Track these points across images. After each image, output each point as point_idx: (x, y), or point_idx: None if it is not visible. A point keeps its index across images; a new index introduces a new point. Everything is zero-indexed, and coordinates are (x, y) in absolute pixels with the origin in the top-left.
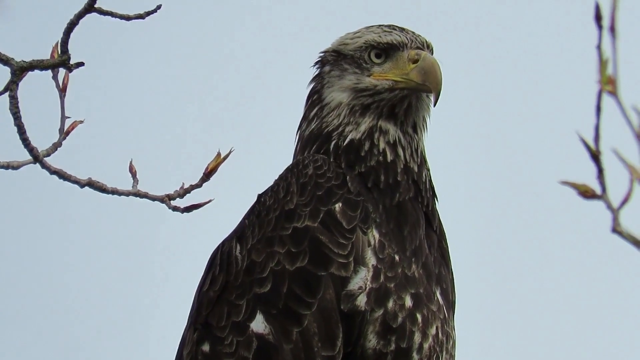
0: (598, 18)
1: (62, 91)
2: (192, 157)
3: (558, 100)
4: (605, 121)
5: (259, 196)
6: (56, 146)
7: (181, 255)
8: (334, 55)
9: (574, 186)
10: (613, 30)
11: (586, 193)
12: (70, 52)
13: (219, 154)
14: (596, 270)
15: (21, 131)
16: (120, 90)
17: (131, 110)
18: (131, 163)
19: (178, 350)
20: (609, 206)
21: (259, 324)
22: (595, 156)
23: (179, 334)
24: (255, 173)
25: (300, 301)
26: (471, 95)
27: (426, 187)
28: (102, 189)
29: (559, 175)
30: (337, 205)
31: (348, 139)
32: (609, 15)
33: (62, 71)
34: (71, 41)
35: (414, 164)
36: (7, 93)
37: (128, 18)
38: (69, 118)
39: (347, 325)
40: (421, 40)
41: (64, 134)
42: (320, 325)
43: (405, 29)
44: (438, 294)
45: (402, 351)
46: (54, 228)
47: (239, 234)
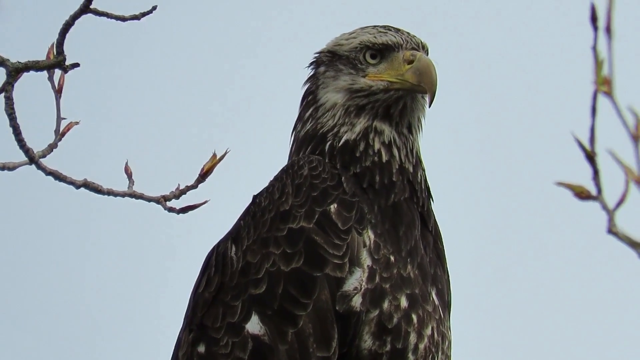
0: (594, 19)
1: (58, 92)
2: (188, 158)
3: (553, 101)
4: (600, 122)
5: (254, 197)
6: (52, 147)
7: (177, 256)
8: (329, 56)
9: (570, 187)
10: (609, 31)
11: (582, 194)
12: (65, 53)
13: (215, 155)
14: (592, 271)
15: (17, 132)
16: (116, 91)
17: (127, 111)
18: (127, 164)
19: (173, 351)
20: (605, 207)
21: (255, 325)
22: (590, 157)
23: (175, 335)
24: (250, 174)
25: (295, 302)
26: (466, 96)
27: (421, 188)
28: (98, 190)
29: (555, 176)
30: (333, 206)
31: (343, 140)
32: (605, 16)
33: (58, 72)
34: (67, 42)
35: (409, 165)
36: (3, 94)
37: (124, 19)
38: (65, 119)
39: (343, 326)
40: (416, 41)
41: (60, 135)
42: (315, 326)
43: (400, 30)
44: (433, 295)
45: (398, 352)
46: (50, 229)
47: (235, 235)
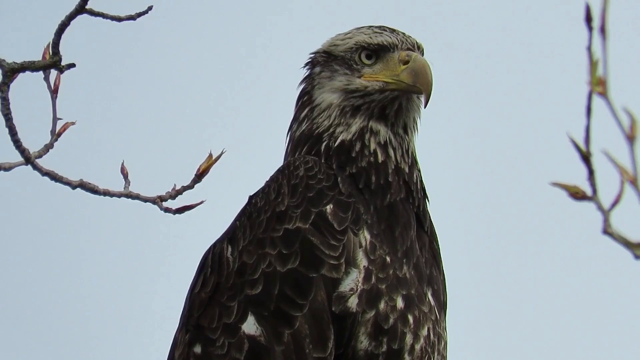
0: (588, 19)
1: (54, 92)
2: (184, 159)
3: (548, 101)
4: (595, 122)
5: (250, 197)
6: (48, 147)
7: (173, 256)
8: (325, 56)
9: (565, 187)
10: (603, 31)
11: (577, 194)
12: (61, 54)
13: (211, 155)
14: (587, 272)
15: (12, 133)
16: (112, 91)
17: (123, 111)
18: (123, 164)
19: (170, 351)
20: (600, 207)
21: (251, 326)
22: (585, 157)
23: (171, 336)
24: (246, 174)
25: (291, 303)
26: (462, 96)
27: (417, 188)
28: (94, 191)
29: (550, 176)
30: (328, 206)
31: (339, 140)
32: (599, 16)
33: (54, 72)
34: (63, 42)
35: (405, 165)
36: None
37: (119, 19)
38: (61, 119)
39: (339, 326)
40: (412, 41)
41: (56, 136)
42: (311, 326)
43: (395, 30)
44: (429, 295)
45: (394, 352)
46: (46, 230)
47: (231, 236)
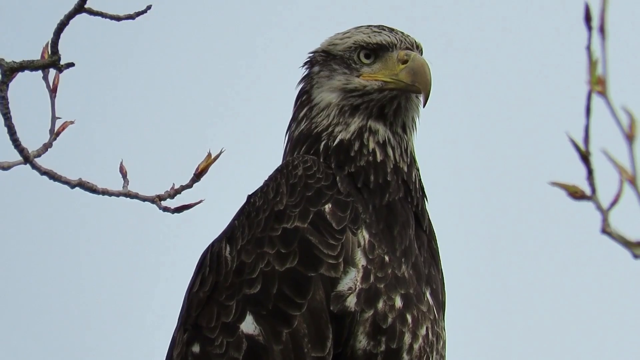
0: (588, 19)
1: (53, 92)
2: (183, 158)
3: (548, 101)
4: (595, 122)
5: (249, 197)
6: (47, 147)
7: (171, 255)
8: (323, 55)
9: (564, 187)
10: (602, 30)
11: (576, 194)
12: (60, 53)
13: (210, 155)
14: (586, 271)
15: (11, 132)
16: (111, 90)
17: (122, 110)
18: (122, 163)
19: (168, 351)
20: (599, 207)
21: (249, 325)
22: (585, 157)
23: (169, 335)
24: (245, 174)
25: (290, 302)
26: (460, 95)
27: (416, 187)
28: (93, 190)
29: (549, 176)
30: (327, 206)
31: (338, 139)
32: (599, 15)
33: (53, 72)
34: (61, 41)
35: (404, 164)
36: None
37: (118, 18)
38: (60, 118)
39: (337, 326)
40: (410, 40)
41: (55, 135)
42: (310, 326)
43: (394, 30)
44: (428, 295)
45: (392, 352)
46: (45, 229)
47: (229, 235)
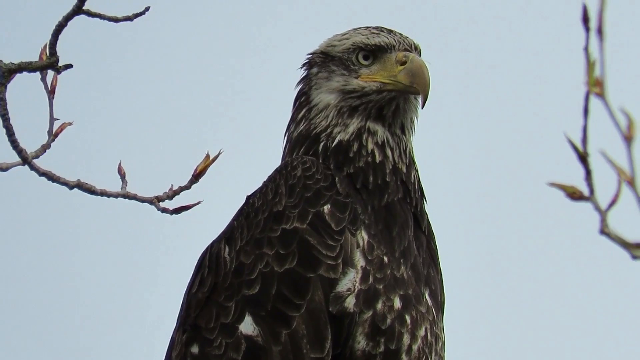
0: (585, 20)
1: (51, 93)
2: (181, 159)
3: (546, 101)
4: (593, 123)
5: (248, 198)
6: (45, 148)
7: (170, 256)
8: (322, 57)
9: (562, 188)
10: (600, 32)
11: (574, 195)
12: (58, 54)
13: (208, 156)
14: (584, 272)
15: (10, 133)
16: (109, 92)
17: (120, 112)
18: (120, 165)
19: (167, 351)
20: (597, 208)
21: (248, 326)
22: (583, 158)
23: (168, 335)
24: (244, 175)
25: (289, 303)
26: (459, 96)
27: (415, 188)
28: (91, 191)
29: (547, 176)
30: (326, 206)
31: (336, 140)
32: (597, 17)
33: (51, 73)
34: (60, 43)
35: (403, 165)
36: None
37: (116, 20)
38: (58, 120)
39: (336, 327)
40: (409, 42)
41: (53, 136)
42: (309, 327)
43: (393, 31)
44: (427, 295)
45: (391, 353)
46: (43, 230)
47: (228, 236)
